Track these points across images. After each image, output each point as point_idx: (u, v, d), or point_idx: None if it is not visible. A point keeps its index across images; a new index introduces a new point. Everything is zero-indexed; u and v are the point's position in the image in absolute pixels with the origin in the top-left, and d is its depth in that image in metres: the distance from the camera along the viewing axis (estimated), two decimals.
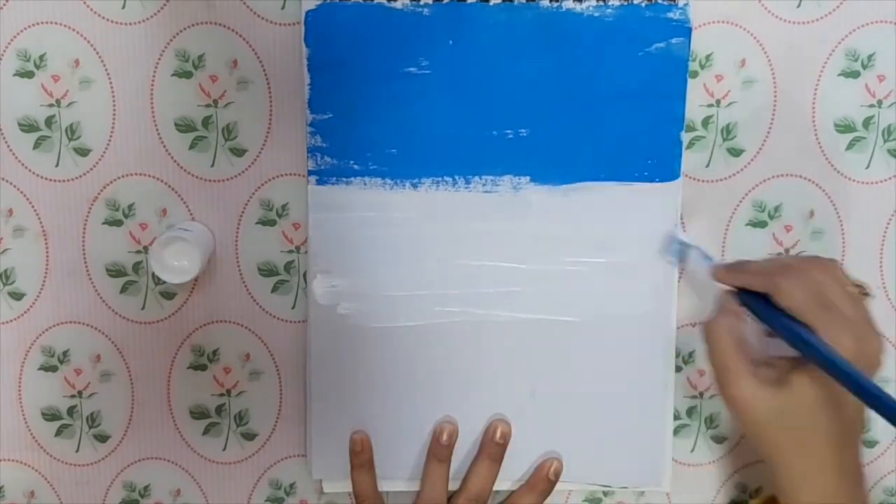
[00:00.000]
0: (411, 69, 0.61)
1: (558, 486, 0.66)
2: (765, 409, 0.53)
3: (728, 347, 0.54)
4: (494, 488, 0.66)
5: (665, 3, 0.61)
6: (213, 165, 0.63)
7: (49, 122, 0.62)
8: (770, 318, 0.54)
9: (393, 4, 0.61)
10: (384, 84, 0.61)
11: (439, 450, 0.64)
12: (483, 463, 0.65)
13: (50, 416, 0.66)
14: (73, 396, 0.66)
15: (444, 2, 0.61)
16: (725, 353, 0.54)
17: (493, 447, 0.64)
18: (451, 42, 0.61)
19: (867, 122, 0.64)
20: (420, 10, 0.61)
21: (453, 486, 0.66)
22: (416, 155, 0.62)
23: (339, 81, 0.61)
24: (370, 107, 0.62)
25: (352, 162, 0.62)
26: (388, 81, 0.61)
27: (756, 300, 0.55)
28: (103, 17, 0.61)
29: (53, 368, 0.65)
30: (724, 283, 0.58)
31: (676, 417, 0.67)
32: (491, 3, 0.61)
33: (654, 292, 0.64)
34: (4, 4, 0.61)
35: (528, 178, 0.63)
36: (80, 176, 0.63)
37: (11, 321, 0.65)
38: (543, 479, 0.65)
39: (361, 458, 0.64)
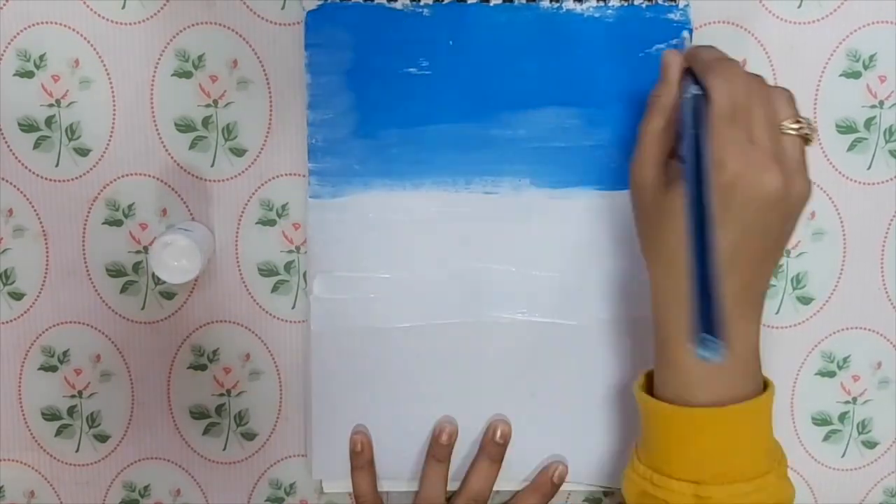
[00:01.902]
0: (411, 70, 0.61)
1: None
2: (650, 203, 0.50)
3: (656, 129, 0.51)
4: (494, 489, 0.66)
5: (665, 4, 0.61)
6: (213, 165, 0.63)
7: (49, 122, 0.62)
8: (685, 108, 0.49)
9: (393, 5, 0.60)
10: (384, 85, 0.61)
11: (439, 450, 0.64)
12: (483, 463, 0.65)
13: (50, 416, 0.66)
14: (73, 396, 0.66)
15: (444, 2, 0.61)
16: (651, 134, 0.51)
17: (493, 447, 0.64)
18: (451, 43, 0.61)
19: (868, 123, 0.64)
20: (420, 10, 0.61)
21: (453, 486, 0.66)
22: (417, 155, 0.62)
23: (340, 82, 0.61)
24: (370, 107, 0.61)
25: (352, 162, 0.62)
26: (389, 82, 0.61)
27: (695, 93, 0.50)
28: (103, 17, 0.61)
29: (53, 368, 0.65)
30: (679, 61, 0.53)
31: None
32: (491, 4, 0.61)
33: None
34: (4, 4, 0.61)
35: (528, 180, 0.63)
36: (80, 176, 0.63)
37: (11, 321, 0.65)
38: (547, 483, 0.65)
39: (362, 458, 0.64)
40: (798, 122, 0.49)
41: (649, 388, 0.55)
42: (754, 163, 0.47)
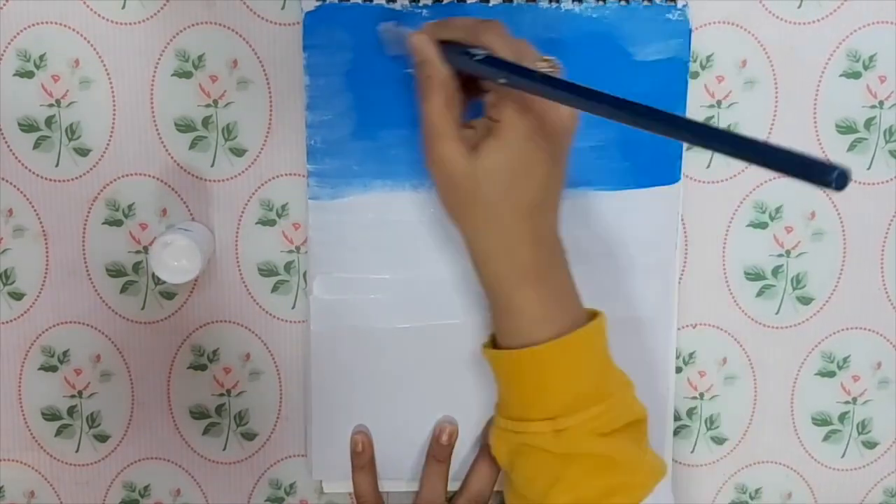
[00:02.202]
0: (410, 70, 0.61)
1: None
2: (460, 173, 0.52)
3: (440, 105, 0.53)
4: (495, 489, 0.65)
5: (664, 4, 0.61)
6: (213, 165, 0.63)
7: (49, 122, 0.62)
8: (486, 64, 0.52)
9: (392, 5, 0.60)
10: (383, 85, 0.61)
11: (439, 450, 0.64)
12: (483, 464, 0.65)
13: (50, 416, 0.66)
14: (73, 396, 0.66)
15: (443, 2, 0.61)
16: (437, 112, 0.53)
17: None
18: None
19: (868, 123, 0.64)
20: (419, 10, 0.61)
21: (453, 486, 0.66)
22: (416, 156, 0.62)
23: (339, 83, 0.61)
24: (370, 108, 0.61)
25: (351, 163, 0.62)
26: (388, 83, 0.61)
27: (459, 56, 0.53)
28: (103, 17, 0.61)
29: (53, 368, 0.65)
30: (428, 39, 0.55)
31: (676, 418, 0.67)
32: (490, 4, 0.61)
33: (655, 294, 0.64)
34: (4, 4, 0.61)
35: None
36: (80, 176, 0.63)
37: (11, 321, 0.65)
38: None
39: (362, 458, 0.64)
40: (544, 59, 0.53)
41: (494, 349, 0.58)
42: (544, 101, 0.51)
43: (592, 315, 0.57)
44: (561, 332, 0.54)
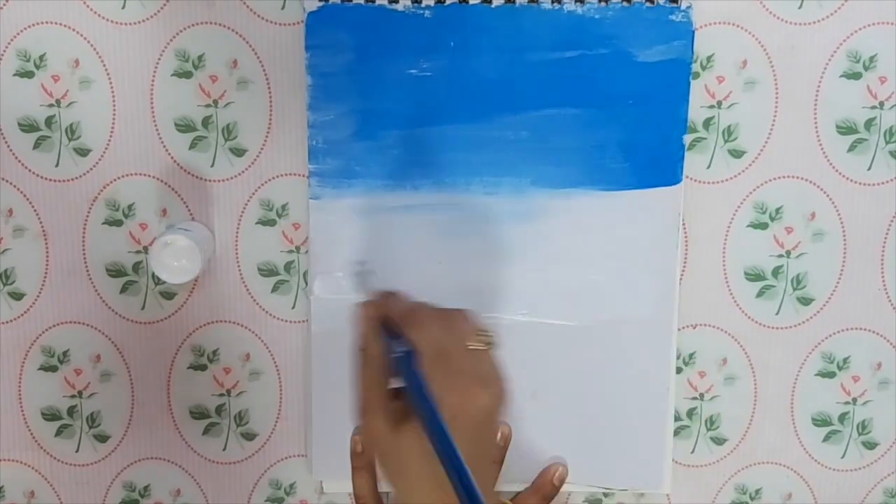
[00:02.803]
0: (413, 71, 0.61)
1: None
2: (386, 445, 0.53)
3: (371, 382, 0.54)
4: (496, 489, 0.65)
5: (667, 5, 0.61)
6: (213, 165, 0.63)
7: (49, 122, 0.62)
8: (400, 366, 0.53)
9: (394, 6, 0.60)
10: (385, 86, 0.61)
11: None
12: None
13: (50, 416, 0.66)
14: (73, 396, 0.66)
15: (445, 4, 0.61)
16: (368, 389, 0.54)
17: (494, 449, 0.64)
18: (452, 44, 0.61)
19: (869, 124, 0.64)
20: (422, 11, 0.60)
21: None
22: (417, 157, 0.62)
23: (341, 83, 0.61)
24: (371, 109, 0.61)
25: (353, 163, 0.62)
26: (390, 83, 0.61)
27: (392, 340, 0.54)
28: (103, 17, 0.61)
29: (53, 368, 0.65)
30: (372, 313, 0.56)
31: (677, 419, 0.67)
32: (493, 5, 0.61)
33: (656, 295, 0.64)
34: (4, 4, 0.61)
35: (528, 180, 0.63)
36: (80, 176, 0.63)
37: (11, 321, 0.65)
38: (548, 484, 0.65)
39: (362, 459, 0.64)
40: (478, 335, 0.54)
41: None
42: (463, 390, 0.52)
43: None
44: None
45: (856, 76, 0.64)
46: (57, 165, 0.63)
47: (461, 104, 0.61)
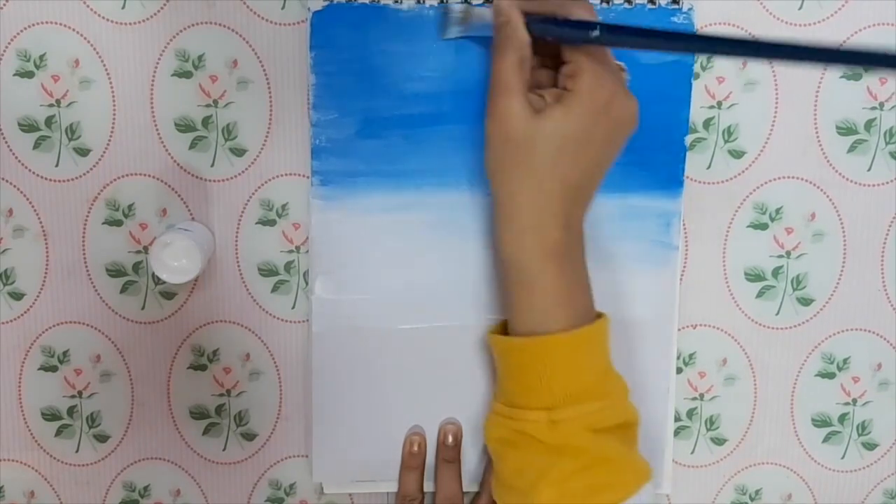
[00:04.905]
0: (416, 70, 0.61)
1: None
2: (520, 131, 0.53)
3: (514, 63, 0.53)
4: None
5: (669, 7, 0.61)
6: (213, 165, 0.63)
7: (49, 122, 0.62)
8: (562, 29, 0.53)
9: (399, 6, 0.60)
10: (389, 85, 0.61)
11: (446, 452, 0.64)
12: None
13: (50, 416, 0.66)
14: (73, 396, 0.66)
15: (449, 4, 0.61)
16: (509, 69, 0.53)
17: (445, 450, 0.65)
18: (456, 44, 0.61)
19: (869, 125, 0.64)
20: (426, 11, 0.60)
21: (469, 486, 0.65)
22: (420, 156, 0.62)
23: (344, 82, 0.61)
24: (375, 108, 0.61)
25: (356, 163, 0.62)
26: (394, 83, 0.61)
27: (541, 25, 0.54)
28: (103, 17, 0.61)
29: (53, 368, 0.65)
30: (514, 4, 0.55)
31: (677, 419, 0.67)
32: None
33: (656, 295, 0.64)
34: (4, 4, 0.61)
35: None
36: (80, 176, 0.63)
37: (11, 321, 0.64)
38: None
39: (416, 459, 0.64)
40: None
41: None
42: (620, 87, 0.54)
43: (598, 315, 0.57)
44: (571, 324, 0.55)
45: (856, 77, 0.64)
46: (57, 165, 0.63)
47: (465, 104, 0.61)
